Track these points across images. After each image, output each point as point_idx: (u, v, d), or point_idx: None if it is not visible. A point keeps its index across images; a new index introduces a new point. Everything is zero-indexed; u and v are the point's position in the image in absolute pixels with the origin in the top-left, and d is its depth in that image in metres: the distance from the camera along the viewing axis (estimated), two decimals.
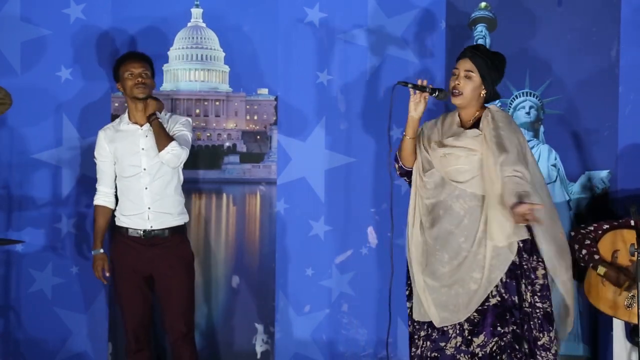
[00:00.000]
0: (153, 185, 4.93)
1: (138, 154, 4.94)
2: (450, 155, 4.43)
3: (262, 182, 5.64)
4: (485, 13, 5.56)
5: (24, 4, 5.56)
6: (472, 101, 4.48)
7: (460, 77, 4.46)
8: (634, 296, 4.86)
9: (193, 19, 5.65)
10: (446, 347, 4.39)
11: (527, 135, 5.54)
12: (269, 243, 5.65)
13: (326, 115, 5.63)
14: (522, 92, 5.54)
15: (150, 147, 4.93)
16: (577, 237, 5.01)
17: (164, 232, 4.96)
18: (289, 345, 5.65)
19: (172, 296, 4.96)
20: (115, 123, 5.08)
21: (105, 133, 5.04)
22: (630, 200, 5.32)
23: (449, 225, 4.40)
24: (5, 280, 5.59)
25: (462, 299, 4.36)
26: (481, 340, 4.36)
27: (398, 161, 4.62)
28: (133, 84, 4.93)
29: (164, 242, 4.95)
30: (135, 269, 4.96)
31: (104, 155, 5.03)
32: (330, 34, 5.60)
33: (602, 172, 5.49)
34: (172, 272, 4.95)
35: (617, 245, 4.95)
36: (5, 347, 5.60)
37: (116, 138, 4.99)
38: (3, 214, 5.56)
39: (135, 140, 4.96)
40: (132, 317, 5.00)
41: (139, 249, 4.94)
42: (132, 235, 4.96)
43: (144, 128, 4.97)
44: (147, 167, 4.93)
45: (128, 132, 4.99)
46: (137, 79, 4.93)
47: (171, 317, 4.98)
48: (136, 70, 4.94)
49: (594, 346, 5.49)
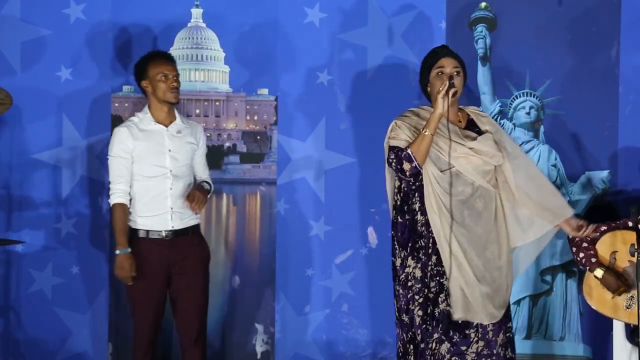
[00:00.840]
0: (176, 186, 4.84)
1: (164, 155, 4.84)
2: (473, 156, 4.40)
3: (262, 182, 5.64)
4: (485, 13, 5.56)
5: (24, 4, 5.55)
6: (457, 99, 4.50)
7: (454, 75, 4.42)
8: (633, 297, 4.85)
9: (193, 19, 5.65)
10: (467, 351, 4.36)
11: (527, 135, 5.54)
12: (269, 243, 5.65)
13: (326, 115, 5.63)
14: (522, 92, 5.54)
15: (177, 148, 4.86)
16: (574, 239, 5.00)
17: (187, 230, 4.88)
18: (289, 345, 5.65)
19: (189, 296, 4.86)
20: (136, 121, 4.90)
21: (130, 131, 4.86)
22: (630, 201, 5.32)
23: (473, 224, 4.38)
24: (5, 281, 5.59)
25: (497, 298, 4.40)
26: (501, 338, 4.39)
27: (412, 160, 4.32)
28: (167, 88, 4.83)
29: (186, 242, 4.86)
30: (156, 271, 4.83)
31: (126, 152, 4.84)
32: (330, 34, 5.60)
33: (602, 172, 5.49)
34: (191, 271, 4.86)
35: (615, 246, 4.94)
36: (5, 347, 5.60)
37: (140, 137, 4.85)
38: (3, 214, 5.56)
39: (162, 141, 4.85)
40: (149, 320, 4.86)
41: (161, 250, 4.83)
42: (153, 237, 4.84)
43: (169, 129, 4.88)
44: (172, 168, 4.84)
45: (153, 132, 4.86)
46: (172, 83, 4.83)
47: (186, 317, 4.88)
48: (170, 73, 4.84)
49: (594, 346, 5.50)
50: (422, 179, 4.40)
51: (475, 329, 4.37)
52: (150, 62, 4.87)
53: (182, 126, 4.92)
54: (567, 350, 5.53)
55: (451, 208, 4.36)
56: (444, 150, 4.38)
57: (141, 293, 4.84)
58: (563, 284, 5.52)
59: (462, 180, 4.39)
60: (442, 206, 4.37)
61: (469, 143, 4.40)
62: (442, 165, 4.39)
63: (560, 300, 5.53)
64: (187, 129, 4.94)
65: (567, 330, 5.53)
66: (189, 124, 4.98)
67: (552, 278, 5.52)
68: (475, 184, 4.40)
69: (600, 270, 4.90)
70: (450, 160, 4.38)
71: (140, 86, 4.92)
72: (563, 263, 5.48)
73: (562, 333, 5.53)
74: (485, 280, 4.35)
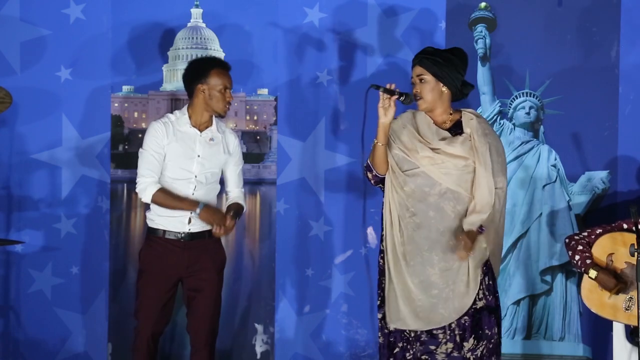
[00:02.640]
0: (200, 192, 4.78)
1: (193, 159, 4.78)
2: (439, 158, 4.40)
3: (262, 182, 5.64)
4: (485, 13, 5.56)
5: (24, 4, 5.55)
6: (437, 102, 4.44)
7: (417, 83, 4.44)
8: (632, 298, 4.85)
9: (193, 19, 5.65)
10: (436, 351, 4.38)
11: (527, 135, 5.54)
12: (269, 243, 5.65)
13: (326, 115, 5.63)
14: (522, 92, 5.54)
15: (207, 155, 4.79)
16: (570, 243, 5.01)
17: (203, 234, 4.81)
18: (289, 345, 5.65)
19: (203, 300, 4.81)
20: (173, 119, 4.80)
21: (166, 129, 4.77)
22: (630, 201, 5.33)
23: (440, 226, 4.38)
24: (5, 281, 5.59)
25: (452, 302, 4.36)
26: (471, 344, 4.36)
27: (372, 170, 4.48)
28: (224, 102, 4.76)
29: (202, 245, 4.81)
30: (169, 272, 4.78)
31: (161, 147, 4.75)
32: (330, 34, 5.60)
33: (602, 172, 5.49)
34: (206, 274, 4.80)
35: (611, 248, 4.94)
36: (5, 347, 5.60)
37: (175, 136, 4.77)
38: (3, 214, 5.56)
39: (192, 145, 4.78)
40: (156, 323, 4.81)
41: (175, 252, 4.77)
42: (169, 238, 4.78)
43: (203, 134, 4.80)
44: (198, 174, 4.78)
45: (187, 135, 4.78)
46: (229, 98, 4.77)
47: (199, 321, 4.82)
48: (231, 87, 4.79)
49: (594, 346, 5.50)
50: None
51: (443, 330, 4.38)
52: (215, 67, 4.77)
53: (217, 134, 4.84)
54: (567, 350, 5.53)
55: (400, 210, 4.43)
56: (409, 151, 4.42)
57: (152, 294, 4.79)
58: (563, 284, 5.53)
59: (429, 181, 4.40)
60: (395, 208, 4.45)
61: (434, 143, 4.40)
62: (405, 166, 4.43)
63: (560, 301, 5.53)
64: (222, 137, 4.86)
65: (567, 330, 5.53)
66: (224, 133, 4.88)
67: (551, 278, 5.53)
68: (442, 186, 4.39)
69: (593, 270, 4.90)
70: (416, 161, 4.41)
71: (193, 86, 4.77)
72: (563, 263, 5.49)
73: (562, 333, 5.54)
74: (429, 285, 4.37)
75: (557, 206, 5.51)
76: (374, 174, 4.49)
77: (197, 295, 4.81)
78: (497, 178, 4.39)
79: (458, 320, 4.37)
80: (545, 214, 5.51)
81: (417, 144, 4.41)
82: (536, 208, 5.47)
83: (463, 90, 4.47)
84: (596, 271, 4.89)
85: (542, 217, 5.50)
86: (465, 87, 4.48)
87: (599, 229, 4.99)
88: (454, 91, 4.44)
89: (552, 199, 5.52)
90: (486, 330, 4.37)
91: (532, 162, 5.53)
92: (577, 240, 5.01)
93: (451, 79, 4.42)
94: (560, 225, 5.50)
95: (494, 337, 4.39)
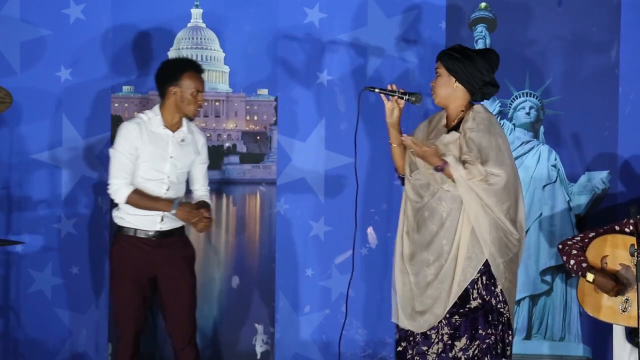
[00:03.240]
0: (171, 192, 4.82)
1: (165, 160, 4.81)
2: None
3: (262, 182, 5.64)
4: (485, 13, 5.56)
5: (24, 4, 5.55)
6: (450, 98, 4.43)
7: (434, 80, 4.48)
8: (628, 299, 4.86)
9: (193, 19, 5.65)
10: (428, 352, 4.39)
11: (527, 135, 5.54)
12: (269, 243, 5.65)
13: (326, 115, 5.63)
14: (522, 92, 5.54)
15: (179, 155, 4.82)
16: (564, 249, 5.01)
17: (173, 232, 4.86)
18: (289, 345, 5.65)
19: (179, 297, 4.86)
20: (146, 120, 4.80)
21: (140, 130, 4.77)
22: (630, 201, 5.33)
23: (434, 226, 4.38)
24: (5, 281, 5.59)
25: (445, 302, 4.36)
26: (463, 343, 4.35)
27: (396, 170, 4.60)
28: (195, 105, 4.77)
29: (172, 243, 4.85)
30: (140, 270, 4.82)
31: (134, 148, 4.75)
32: (330, 34, 5.60)
33: (602, 172, 5.49)
34: (179, 273, 4.86)
35: (605, 251, 4.94)
36: (5, 347, 5.60)
37: (147, 138, 4.79)
38: (3, 214, 5.56)
39: (165, 146, 4.81)
40: (134, 321, 4.84)
41: (146, 250, 4.81)
42: (139, 237, 4.82)
43: (175, 135, 4.83)
44: (170, 174, 4.81)
45: (159, 136, 4.81)
46: (200, 102, 4.78)
47: (177, 318, 4.87)
48: (203, 90, 4.79)
49: (594, 346, 5.50)
50: None
51: (436, 331, 4.39)
52: (188, 70, 4.77)
53: (187, 134, 4.87)
54: (567, 350, 5.53)
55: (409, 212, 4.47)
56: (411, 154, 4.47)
57: (125, 294, 4.82)
58: (563, 284, 5.53)
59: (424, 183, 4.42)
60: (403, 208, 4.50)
61: (429, 142, 4.42)
62: (412, 167, 4.48)
63: (560, 301, 5.53)
64: (191, 137, 4.90)
65: (567, 330, 5.53)
66: (193, 133, 4.92)
67: (552, 278, 5.53)
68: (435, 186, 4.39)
69: (590, 274, 4.89)
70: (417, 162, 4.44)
71: (165, 87, 4.78)
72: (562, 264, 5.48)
73: (562, 333, 5.54)
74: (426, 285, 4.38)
75: (557, 206, 5.51)
76: (397, 175, 4.59)
77: (173, 296, 4.85)
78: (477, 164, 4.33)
79: (449, 320, 4.36)
80: (545, 214, 5.51)
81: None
82: (536, 208, 5.47)
83: (483, 90, 4.44)
84: (593, 274, 4.88)
85: (542, 217, 5.50)
86: (487, 87, 4.44)
87: (592, 233, 4.99)
88: (469, 89, 4.42)
89: (552, 199, 5.52)
90: (480, 331, 4.36)
91: (532, 162, 5.52)
92: (570, 245, 5.01)
93: (466, 76, 4.39)
94: (561, 225, 5.50)
95: (489, 338, 4.36)
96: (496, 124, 4.45)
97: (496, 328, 4.39)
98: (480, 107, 4.46)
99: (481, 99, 4.50)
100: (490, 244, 4.33)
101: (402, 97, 4.43)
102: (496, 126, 4.43)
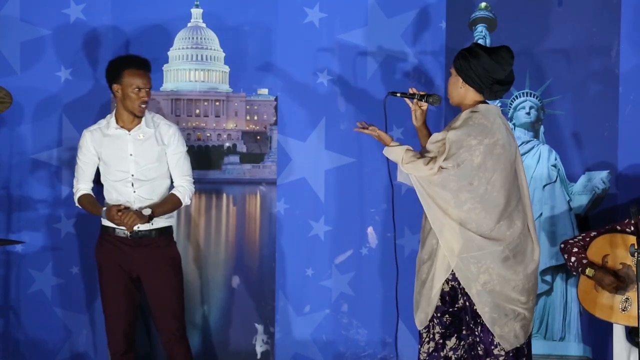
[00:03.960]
0: (141, 189, 4.87)
1: (126, 159, 4.86)
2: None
3: (262, 182, 5.64)
4: (485, 13, 5.56)
5: (24, 4, 5.55)
6: (461, 97, 4.42)
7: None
8: (628, 299, 4.86)
9: (193, 19, 5.65)
10: (420, 350, 4.44)
11: (527, 135, 5.54)
12: (269, 243, 5.65)
13: (326, 115, 5.63)
14: (522, 92, 5.54)
15: (139, 153, 4.86)
16: (566, 247, 5.03)
17: (151, 233, 4.89)
18: (289, 345, 5.65)
19: (160, 297, 4.90)
20: (102, 125, 4.94)
21: (92, 135, 4.92)
22: (630, 201, 5.32)
23: (428, 225, 4.42)
24: (5, 281, 5.59)
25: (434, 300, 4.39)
26: (453, 342, 4.37)
27: None
28: (139, 102, 4.81)
29: (150, 243, 4.88)
30: (122, 268, 4.88)
31: (88, 157, 4.92)
32: (330, 34, 5.60)
33: (602, 172, 5.49)
34: (158, 273, 4.89)
35: (606, 250, 4.95)
36: (5, 347, 5.60)
37: (104, 142, 4.89)
38: (3, 214, 5.56)
39: (123, 146, 4.87)
40: (121, 318, 4.90)
41: (125, 250, 4.87)
42: (119, 235, 4.87)
43: (132, 133, 4.87)
44: (135, 172, 4.86)
45: (116, 137, 4.88)
46: (143, 98, 4.81)
47: (162, 317, 4.92)
48: (145, 87, 4.82)
49: (594, 346, 5.50)
50: None
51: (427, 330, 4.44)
52: (127, 68, 4.82)
53: (147, 129, 4.89)
54: (567, 350, 5.53)
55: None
56: None
57: (110, 291, 4.89)
58: (563, 284, 5.52)
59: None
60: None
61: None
62: None
63: (560, 300, 5.53)
64: (153, 131, 4.89)
65: (567, 330, 5.53)
66: (156, 126, 4.92)
67: (552, 278, 5.53)
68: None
69: (590, 269, 4.91)
70: None
71: (110, 87, 4.89)
72: (563, 263, 5.48)
73: (562, 333, 5.53)
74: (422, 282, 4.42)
75: (557, 206, 5.50)
76: None
77: (156, 295, 4.90)
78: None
79: (440, 319, 4.37)
80: (545, 214, 5.51)
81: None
82: (536, 208, 5.46)
83: (492, 88, 4.38)
84: (593, 269, 4.90)
85: (542, 217, 5.50)
86: (496, 86, 4.38)
87: (593, 232, 5.01)
88: (477, 88, 4.38)
89: (552, 199, 5.51)
90: (463, 331, 4.37)
91: (532, 162, 5.52)
92: (572, 243, 5.04)
93: (472, 74, 4.35)
94: (561, 225, 5.49)
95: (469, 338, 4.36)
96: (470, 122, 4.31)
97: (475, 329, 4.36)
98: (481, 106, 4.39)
99: (494, 98, 4.47)
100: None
101: (420, 99, 4.46)
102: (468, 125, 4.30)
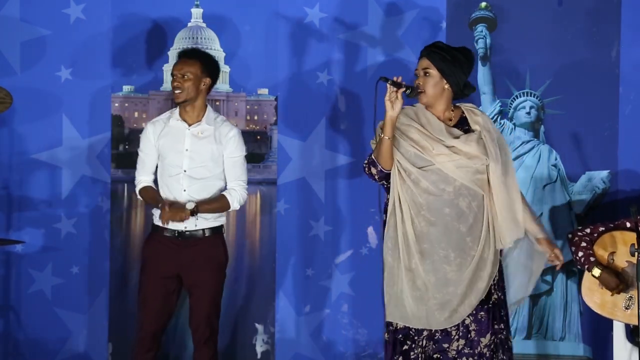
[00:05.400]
0: (192, 188, 4.76)
1: (181, 154, 4.77)
2: (455, 155, 4.38)
3: (262, 182, 5.64)
4: (486, 13, 5.56)
5: (24, 4, 5.55)
6: (438, 98, 4.41)
7: (420, 76, 4.42)
8: (632, 297, 4.86)
9: (193, 19, 5.65)
10: (449, 349, 4.36)
11: (527, 135, 5.55)
12: (269, 243, 5.64)
13: (326, 115, 5.63)
14: (522, 92, 5.54)
15: (195, 149, 4.78)
16: (574, 239, 5.01)
17: (199, 232, 4.80)
18: (289, 345, 5.65)
19: (198, 299, 4.81)
20: (166, 117, 4.86)
21: (154, 127, 4.83)
22: (630, 200, 5.33)
23: (456, 223, 4.35)
24: (5, 281, 5.59)
25: (470, 299, 4.34)
26: (488, 339, 4.35)
27: (377, 165, 4.37)
28: (173, 87, 4.78)
29: (198, 244, 4.79)
30: (166, 268, 4.78)
31: (149, 148, 4.82)
32: (330, 34, 5.60)
33: (602, 172, 5.49)
34: (200, 273, 4.79)
35: (613, 247, 4.95)
36: (5, 347, 5.60)
37: (164, 133, 4.80)
38: (3, 214, 5.56)
39: (181, 139, 4.79)
40: (155, 316, 4.81)
41: (173, 249, 4.77)
42: (167, 235, 4.78)
43: (191, 128, 4.79)
44: (187, 169, 4.76)
45: (175, 129, 4.80)
46: (173, 83, 4.77)
47: (196, 318, 4.83)
48: (178, 72, 4.76)
49: (594, 346, 5.50)
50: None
51: (457, 327, 4.37)
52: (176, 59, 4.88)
53: (207, 127, 4.81)
54: (567, 350, 5.53)
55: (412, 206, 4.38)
56: (423, 149, 4.37)
57: (150, 289, 4.80)
58: (563, 284, 5.53)
59: (444, 178, 4.38)
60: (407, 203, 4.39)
61: (448, 141, 4.38)
62: (420, 163, 4.38)
63: (561, 300, 5.53)
64: (213, 130, 4.81)
65: (567, 330, 5.53)
66: (217, 126, 4.84)
67: (552, 278, 5.53)
68: (457, 182, 4.38)
69: (597, 269, 4.90)
70: (431, 158, 4.36)
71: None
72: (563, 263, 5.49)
73: (562, 333, 5.54)
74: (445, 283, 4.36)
75: (557, 206, 5.51)
76: (379, 169, 4.38)
77: (193, 294, 4.83)
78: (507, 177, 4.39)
79: (475, 316, 4.36)
80: (545, 214, 5.51)
81: (430, 142, 4.35)
82: (536, 208, 5.46)
83: (464, 91, 4.44)
84: (600, 270, 4.89)
85: (542, 217, 5.50)
86: (467, 89, 4.44)
87: (602, 227, 4.98)
88: (455, 90, 4.41)
89: (552, 198, 5.52)
90: (495, 325, 4.38)
91: (532, 162, 5.53)
92: (580, 236, 5.00)
93: (455, 78, 4.38)
94: (561, 225, 5.50)
95: (502, 332, 4.38)
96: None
97: (506, 323, 4.41)
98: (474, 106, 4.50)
99: (460, 99, 4.48)
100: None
101: (406, 89, 4.39)
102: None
